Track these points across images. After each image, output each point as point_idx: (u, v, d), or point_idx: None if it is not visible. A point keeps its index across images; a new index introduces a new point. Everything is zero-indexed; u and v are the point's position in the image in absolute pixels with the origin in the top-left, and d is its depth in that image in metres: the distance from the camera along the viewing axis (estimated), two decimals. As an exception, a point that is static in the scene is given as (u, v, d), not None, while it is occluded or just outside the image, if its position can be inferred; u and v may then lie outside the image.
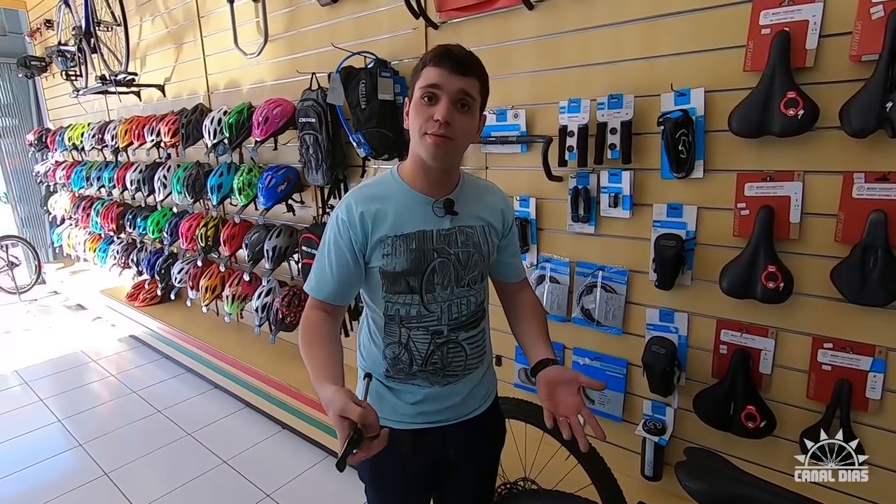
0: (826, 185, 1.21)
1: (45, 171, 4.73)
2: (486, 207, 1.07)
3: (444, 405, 1.08)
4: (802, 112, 1.15)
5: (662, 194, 1.46)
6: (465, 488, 1.20)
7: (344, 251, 0.98)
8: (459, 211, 1.00)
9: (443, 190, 1.01)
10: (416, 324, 1.02)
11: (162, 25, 3.22)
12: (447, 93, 0.90)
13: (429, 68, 0.91)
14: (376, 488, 1.15)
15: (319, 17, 2.24)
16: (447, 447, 1.11)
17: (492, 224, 1.07)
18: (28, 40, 5.00)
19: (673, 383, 1.48)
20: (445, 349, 1.04)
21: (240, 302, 2.79)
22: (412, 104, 0.94)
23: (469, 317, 1.06)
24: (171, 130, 2.94)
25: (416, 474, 1.12)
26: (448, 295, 1.02)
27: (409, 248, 0.97)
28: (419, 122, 0.92)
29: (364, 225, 0.97)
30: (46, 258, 5.43)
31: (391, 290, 1.00)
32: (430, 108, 0.91)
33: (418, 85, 0.92)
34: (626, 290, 1.58)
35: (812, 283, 1.27)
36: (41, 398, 2.99)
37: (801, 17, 1.17)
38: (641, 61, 1.44)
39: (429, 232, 0.99)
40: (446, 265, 1.00)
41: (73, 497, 2.13)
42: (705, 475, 0.86)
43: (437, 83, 0.90)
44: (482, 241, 1.04)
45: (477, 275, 1.05)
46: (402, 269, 0.98)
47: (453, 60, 0.90)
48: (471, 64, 0.93)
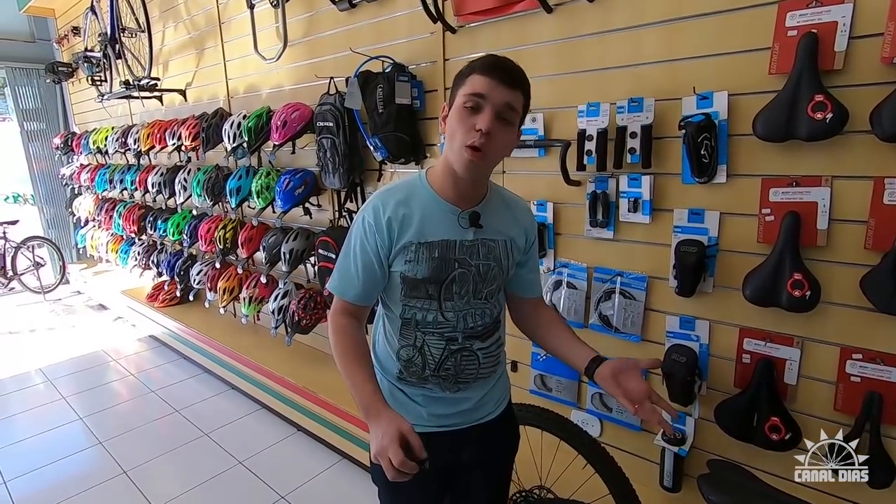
0: (855, 191, 1.17)
1: (70, 173, 4.85)
2: (510, 222, 1.06)
3: (455, 409, 1.08)
4: (831, 115, 1.12)
5: (683, 199, 1.44)
6: (478, 493, 1.19)
7: (370, 254, 0.98)
8: (484, 224, 1.00)
9: (470, 201, 1.00)
10: (432, 329, 1.02)
11: (184, 31, 3.28)
12: (492, 104, 0.89)
13: (476, 76, 0.89)
14: (389, 488, 1.15)
15: (337, 22, 2.26)
16: (460, 451, 1.11)
17: (514, 240, 1.06)
18: (56, 47, 5.15)
19: (693, 392, 1.45)
20: (459, 356, 1.04)
21: (257, 304, 2.81)
22: (453, 110, 0.93)
23: (484, 327, 1.06)
24: (192, 134, 2.99)
25: (426, 478, 1.11)
26: (465, 305, 1.02)
27: (431, 257, 0.97)
28: (460, 130, 0.90)
29: (390, 230, 0.97)
30: (70, 259, 5.57)
31: (409, 295, 1.01)
32: (472, 118, 0.89)
33: (462, 91, 0.91)
34: (646, 297, 1.55)
35: (840, 291, 1.23)
36: (63, 396, 3.05)
37: (830, 19, 1.14)
38: (662, 64, 1.41)
39: (452, 242, 0.98)
40: (466, 276, 1.00)
41: (94, 494, 2.16)
42: (730, 489, 0.84)
43: (483, 93, 0.88)
44: (503, 256, 1.04)
45: (495, 288, 1.05)
46: (423, 277, 0.98)
47: (503, 71, 0.89)
48: (519, 77, 0.92)
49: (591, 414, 1.74)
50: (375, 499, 2.12)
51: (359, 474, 2.22)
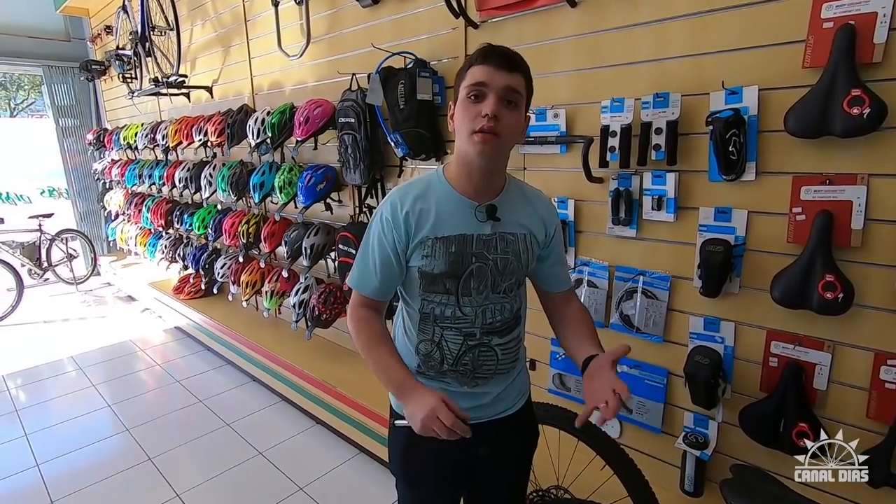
0: (894, 189, 1.12)
1: (101, 168, 5.01)
2: (529, 216, 1.05)
3: (474, 404, 1.08)
4: (868, 111, 1.08)
5: (710, 197, 1.40)
6: (496, 488, 1.19)
7: (387, 249, 0.99)
8: (502, 217, 0.99)
9: (487, 194, 1.00)
10: (450, 324, 1.02)
11: (211, 29, 3.34)
12: (494, 89, 0.89)
13: (475, 67, 0.91)
14: (407, 481, 1.16)
15: (360, 18, 2.27)
16: (479, 445, 1.10)
17: (534, 233, 1.05)
18: (90, 45, 5.31)
19: (717, 395, 1.42)
20: (477, 352, 1.04)
21: (278, 298, 2.86)
22: (458, 104, 0.94)
23: (503, 323, 1.05)
24: (217, 130, 3.05)
25: (446, 470, 1.12)
26: (483, 300, 1.01)
27: (448, 251, 0.97)
28: (467, 120, 0.91)
29: (408, 225, 0.97)
30: (101, 251, 5.74)
31: (428, 290, 1.01)
32: (477, 106, 0.90)
33: (464, 84, 0.92)
34: (669, 297, 1.52)
35: (875, 294, 1.18)
36: (93, 383, 3.16)
37: (869, 10, 1.09)
38: (689, 59, 1.38)
39: (469, 236, 0.98)
40: (483, 270, 1.00)
41: (120, 479, 2.23)
42: (754, 495, 0.81)
43: (484, 81, 0.89)
44: (522, 250, 1.03)
45: (514, 282, 1.04)
46: (440, 271, 0.98)
47: (499, 56, 0.90)
48: (516, 60, 0.92)
49: (610, 415, 1.71)
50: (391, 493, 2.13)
51: (376, 469, 2.24)
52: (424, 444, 1.08)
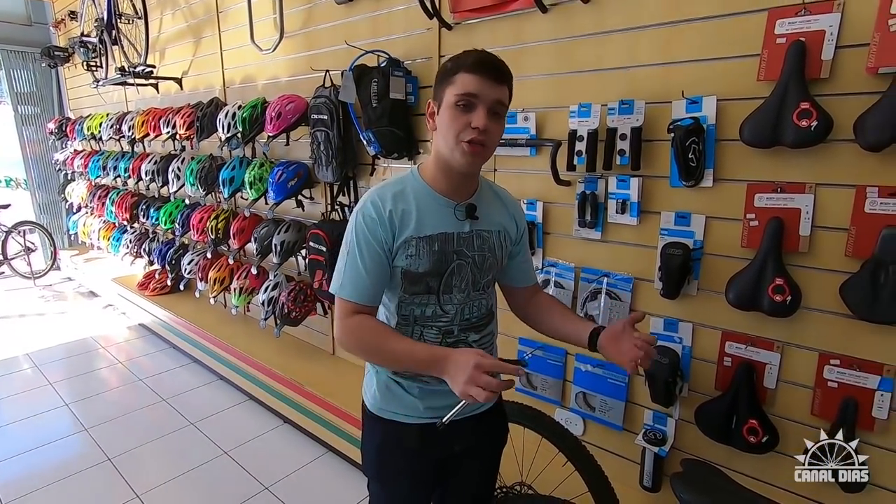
0: (838, 199, 1.19)
1: (63, 159, 4.82)
2: (501, 213, 1.09)
3: (450, 401, 1.08)
4: (816, 123, 1.13)
5: (671, 202, 1.45)
6: (467, 485, 1.21)
7: (375, 248, 0.98)
8: (478, 216, 1.03)
9: (463, 193, 1.03)
10: (431, 323, 1.04)
11: (182, 19, 3.26)
12: (484, 102, 0.91)
13: (465, 75, 0.91)
14: (382, 481, 1.16)
15: (335, 15, 2.26)
16: (453, 442, 1.12)
17: (506, 230, 1.09)
18: (52, 31, 5.10)
19: (675, 394, 1.47)
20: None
21: (247, 295, 2.81)
22: (444, 109, 0.94)
23: (480, 319, 1.08)
24: (186, 123, 2.98)
25: (422, 468, 1.13)
26: (464, 297, 1.04)
27: (431, 250, 0.99)
28: (455, 128, 0.92)
29: (392, 224, 0.98)
30: (62, 245, 5.53)
31: (409, 291, 1.02)
32: (466, 116, 0.91)
33: (453, 91, 0.92)
34: (631, 298, 1.57)
35: (820, 297, 1.24)
36: (50, 382, 3.04)
37: (818, 27, 1.15)
38: (654, 67, 1.42)
39: (450, 234, 1.01)
40: (464, 268, 1.02)
41: (76, 480, 2.16)
42: (701, 488, 0.85)
43: (475, 92, 0.90)
44: (497, 247, 1.07)
45: (491, 279, 1.08)
46: (424, 270, 0.99)
47: (492, 69, 0.91)
48: (506, 73, 0.94)
49: (574, 413, 1.76)
50: (359, 492, 2.12)
51: (344, 467, 2.23)
52: (400, 442, 1.10)
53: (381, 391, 1.09)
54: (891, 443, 1.20)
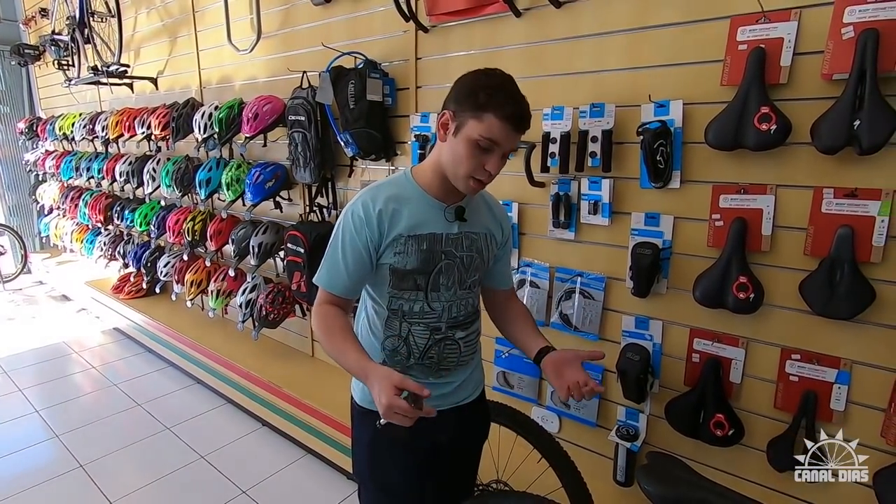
0: (797, 200, 1.24)
1: (34, 160, 4.69)
2: (488, 218, 1.14)
3: (437, 392, 1.11)
4: (775, 127, 1.18)
5: (641, 203, 1.49)
6: (452, 476, 1.24)
7: (359, 247, 1.02)
8: (468, 218, 1.07)
9: (454, 198, 1.06)
10: (419, 319, 1.07)
11: (157, 18, 3.22)
12: (503, 149, 0.96)
13: (496, 120, 0.91)
14: (375, 478, 1.17)
15: (312, 16, 2.25)
16: (440, 433, 1.14)
17: (493, 233, 1.14)
18: (22, 28, 4.97)
19: (646, 390, 1.50)
20: (442, 345, 1.10)
21: (224, 297, 2.78)
22: (463, 139, 0.94)
23: (466, 317, 1.12)
24: (162, 123, 2.94)
25: (412, 461, 1.15)
26: (451, 295, 1.08)
27: (420, 249, 1.03)
28: (469, 165, 0.95)
29: (381, 224, 1.01)
30: (33, 248, 5.38)
31: (398, 287, 1.05)
32: (482, 156, 0.95)
33: (478, 130, 0.92)
34: (604, 297, 1.60)
35: (782, 294, 1.29)
36: (20, 388, 2.96)
37: (777, 35, 1.20)
38: (624, 72, 1.46)
39: (439, 235, 1.04)
40: (452, 267, 1.06)
41: (46, 488, 2.11)
42: (665, 480, 0.88)
43: (499, 141, 0.93)
44: (484, 248, 1.11)
45: (477, 279, 1.12)
46: (412, 268, 1.03)
47: (520, 123, 0.94)
48: (528, 121, 0.97)
49: (550, 411, 1.78)
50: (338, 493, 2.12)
51: (323, 469, 2.22)
52: (391, 434, 1.11)
53: None
54: (849, 433, 1.25)
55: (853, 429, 1.24)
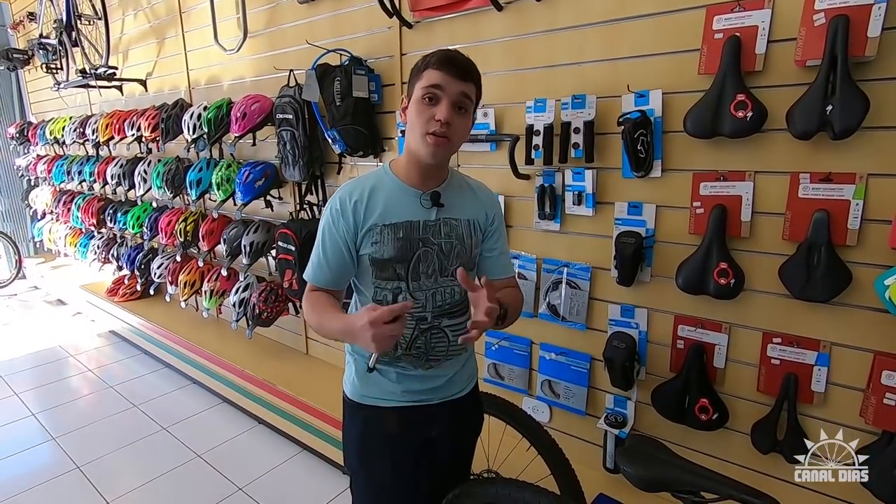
0: (775, 185, 1.26)
1: (26, 164, 4.68)
2: (472, 203, 1.12)
3: (427, 386, 1.12)
4: (751, 114, 1.20)
5: (623, 193, 1.50)
6: (444, 471, 1.24)
7: (337, 240, 1.04)
8: (445, 203, 1.06)
9: (431, 184, 1.06)
10: None
11: (144, 20, 3.21)
12: (448, 95, 0.96)
13: (431, 70, 0.96)
14: (365, 469, 1.18)
15: (297, 14, 2.26)
16: (431, 427, 1.15)
17: (477, 220, 1.12)
18: (10, 32, 4.96)
19: (633, 377, 1.52)
20: (429, 335, 1.09)
21: (218, 297, 2.79)
22: (413, 102, 0.99)
23: (453, 305, 1.11)
24: (152, 125, 2.94)
25: (402, 454, 1.16)
26: (433, 283, 1.07)
27: (396, 237, 1.03)
28: (421, 121, 0.97)
29: (356, 215, 1.03)
30: (27, 253, 5.38)
31: (380, 276, 1.06)
32: (431, 109, 0.96)
33: (420, 85, 0.97)
34: (590, 287, 1.62)
35: (762, 279, 1.31)
36: (16, 392, 2.97)
37: (751, 23, 1.21)
38: (604, 63, 1.47)
39: (415, 222, 1.04)
40: (430, 254, 1.06)
41: (43, 490, 2.12)
42: (641, 460, 0.90)
43: (440, 83, 0.95)
44: (465, 235, 1.09)
45: (459, 266, 1.09)
46: (389, 257, 1.03)
47: (456, 66, 0.96)
48: (471, 70, 0.99)
49: (540, 401, 1.80)
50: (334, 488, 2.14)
51: (319, 465, 2.24)
52: (381, 428, 1.13)
53: (360, 377, 1.13)
54: (828, 414, 1.27)
55: (833, 410, 1.27)
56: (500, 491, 1.13)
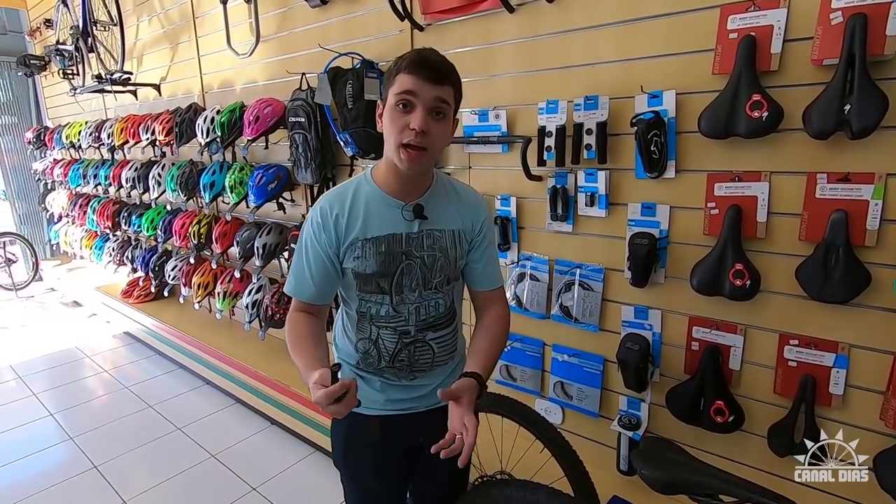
0: (791, 186, 1.24)
1: (43, 168, 4.77)
2: (457, 213, 1.07)
3: (412, 395, 1.12)
4: (767, 114, 1.19)
5: (637, 194, 1.50)
6: (437, 475, 1.23)
7: (320, 253, 1.00)
8: (429, 215, 1.02)
9: (414, 193, 1.02)
10: (385, 323, 1.05)
11: (158, 25, 3.26)
12: (423, 101, 0.89)
13: (403, 75, 0.89)
14: (350, 473, 1.19)
15: (309, 18, 2.28)
16: (418, 434, 1.14)
17: (462, 229, 1.07)
18: (28, 39, 5.05)
19: (646, 379, 1.51)
20: (413, 348, 1.07)
21: (231, 299, 2.82)
22: (386, 109, 0.93)
23: (437, 318, 1.08)
24: (166, 129, 2.98)
25: (386, 460, 1.15)
26: (417, 297, 1.04)
27: (378, 251, 1.00)
28: (395, 130, 0.91)
29: (337, 228, 0.99)
30: (44, 255, 5.47)
31: (363, 290, 1.04)
32: (405, 116, 0.89)
33: (392, 91, 0.91)
34: (603, 288, 1.61)
35: (778, 280, 1.30)
36: (34, 392, 3.02)
37: (767, 22, 1.20)
38: (616, 64, 1.47)
39: (398, 235, 1.00)
40: (413, 268, 1.02)
41: (62, 488, 2.16)
42: (659, 462, 0.89)
43: (413, 90, 0.88)
44: (449, 246, 1.05)
45: (443, 279, 1.06)
46: (372, 271, 1.00)
47: (429, 70, 0.89)
48: (446, 71, 0.91)
49: (553, 402, 1.80)
50: (344, 488, 2.12)
51: (331, 465, 2.23)
52: (364, 434, 1.12)
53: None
54: (847, 417, 1.26)
55: (852, 412, 1.25)
56: (514, 493, 1.13)
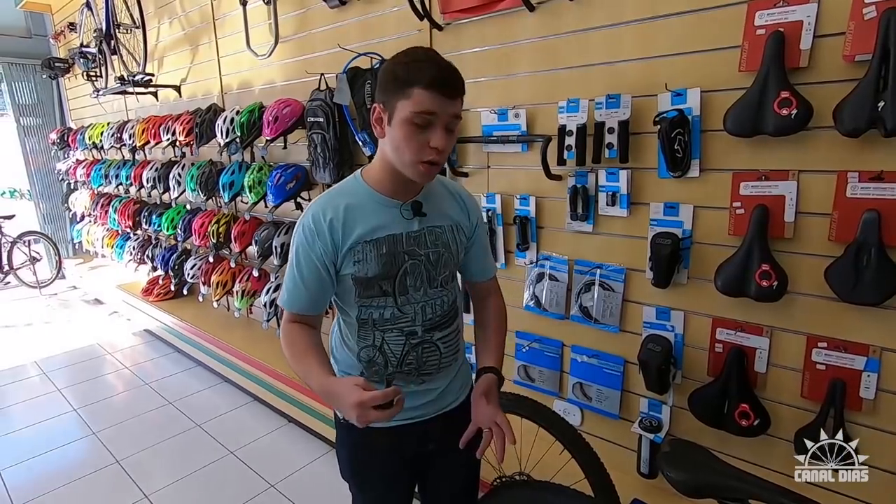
0: (820, 185, 1.22)
1: (66, 169, 4.88)
2: (452, 207, 1.07)
3: (421, 401, 1.08)
4: (796, 112, 1.16)
5: (659, 193, 1.48)
6: (448, 479, 1.21)
7: (314, 261, 0.96)
8: (427, 212, 1.00)
9: (409, 193, 1.00)
10: (391, 326, 1.02)
11: (179, 28, 3.31)
12: (442, 120, 0.88)
13: (422, 91, 0.85)
14: (358, 484, 1.17)
15: (328, 19, 2.30)
16: (427, 442, 1.12)
17: (459, 223, 1.07)
18: (52, 42, 5.17)
19: (669, 381, 1.49)
20: (420, 349, 1.05)
21: (249, 297, 2.85)
22: (399, 123, 0.88)
23: (443, 316, 1.06)
24: (186, 130, 3.03)
25: (395, 470, 1.13)
26: (422, 296, 1.02)
27: (379, 253, 0.97)
28: (412, 147, 0.88)
29: (333, 234, 0.95)
30: (67, 254, 5.59)
31: (364, 295, 1.00)
32: (423, 135, 0.88)
33: (409, 107, 0.86)
34: (624, 288, 1.59)
35: (806, 281, 1.27)
36: (58, 388, 3.09)
37: (796, 18, 1.18)
38: (639, 62, 1.45)
39: (399, 235, 0.98)
40: (417, 266, 1.00)
41: (86, 482, 2.20)
42: (686, 465, 0.88)
43: (434, 111, 0.86)
44: (451, 241, 1.05)
45: (448, 275, 1.06)
46: (374, 274, 0.97)
47: (448, 86, 0.87)
48: (460, 84, 0.90)
49: (572, 403, 1.78)
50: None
51: (347, 464, 2.26)
52: (372, 444, 1.09)
53: None
54: (878, 422, 1.23)
55: (884, 417, 1.22)
56: (535, 494, 1.13)
